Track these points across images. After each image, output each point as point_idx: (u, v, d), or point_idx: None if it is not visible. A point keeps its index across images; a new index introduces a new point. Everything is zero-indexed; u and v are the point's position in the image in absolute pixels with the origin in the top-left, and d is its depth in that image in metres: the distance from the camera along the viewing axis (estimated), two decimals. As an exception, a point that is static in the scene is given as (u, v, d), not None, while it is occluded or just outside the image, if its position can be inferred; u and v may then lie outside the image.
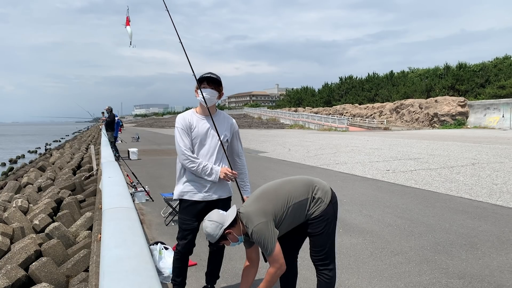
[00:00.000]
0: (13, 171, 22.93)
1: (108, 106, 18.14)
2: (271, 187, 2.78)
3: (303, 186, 2.75)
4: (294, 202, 2.68)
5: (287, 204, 2.66)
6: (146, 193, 7.26)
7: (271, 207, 2.63)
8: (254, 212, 2.61)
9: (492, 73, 42.15)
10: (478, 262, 4.03)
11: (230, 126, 3.21)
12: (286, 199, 2.68)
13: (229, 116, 3.28)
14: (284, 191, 2.71)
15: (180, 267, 3.25)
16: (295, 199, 2.69)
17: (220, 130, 3.08)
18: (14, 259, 5.32)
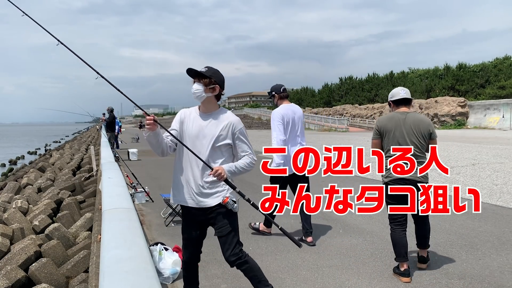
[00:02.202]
0: (12, 172, 22.92)
1: (109, 107, 18.16)
2: None
3: None
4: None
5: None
6: (146, 194, 7.26)
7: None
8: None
9: (492, 74, 42.15)
10: (478, 263, 4.02)
11: (226, 126, 2.85)
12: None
13: (230, 115, 2.92)
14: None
15: (186, 276, 3.16)
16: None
17: (212, 130, 2.84)
18: (14, 260, 5.32)
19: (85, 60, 3.10)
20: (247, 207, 6.24)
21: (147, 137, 2.82)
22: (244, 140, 2.93)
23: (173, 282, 3.72)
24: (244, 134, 2.93)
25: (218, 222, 2.89)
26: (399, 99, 3.87)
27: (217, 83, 2.86)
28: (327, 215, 6.09)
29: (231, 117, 2.92)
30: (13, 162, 30.04)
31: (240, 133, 2.91)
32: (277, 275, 3.83)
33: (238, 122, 2.92)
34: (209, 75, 2.83)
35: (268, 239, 4.97)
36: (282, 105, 4.88)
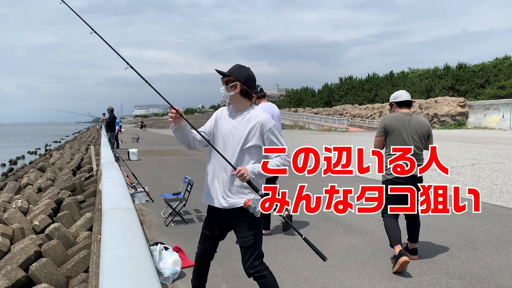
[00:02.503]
0: (13, 171, 22.94)
1: (109, 107, 18.17)
2: None
3: None
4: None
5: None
6: (146, 193, 7.26)
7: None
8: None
9: (492, 74, 42.14)
10: (478, 263, 4.02)
11: (255, 127, 2.70)
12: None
13: (260, 114, 2.75)
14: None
15: (196, 271, 3.10)
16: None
17: (240, 131, 2.73)
18: (14, 259, 5.32)
19: (115, 51, 2.98)
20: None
21: (173, 130, 2.84)
22: (274, 140, 2.72)
23: (173, 282, 3.72)
24: (274, 133, 2.72)
25: (242, 231, 2.79)
26: (402, 101, 4.16)
27: (238, 80, 2.72)
28: (327, 215, 6.09)
29: (260, 115, 2.73)
30: (13, 162, 30.05)
31: (270, 132, 2.71)
32: (277, 275, 3.82)
33: (268, 121, 2.71)
34: (229, 73, 2.75)
35: (268, 239, 4.97)
36: (261, 104, 4.96)
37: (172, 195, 6.51)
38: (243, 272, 3.90)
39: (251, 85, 2.77)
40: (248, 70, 2.79)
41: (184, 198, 5.98)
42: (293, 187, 3.00)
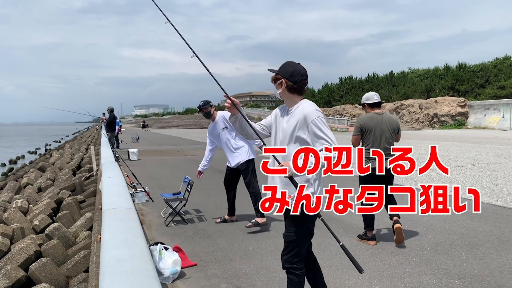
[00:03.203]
0: (13, 171, 22.94)
1: (109, 106, 18.18)
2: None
3: None
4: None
5: None
6: (146, 193, 7.26)
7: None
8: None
9: (492, 74, 42.13)
10: (478, 263, 4.03)
11: (299, 120, 2.67)
12: None
13: (306, 106, 2.70)
14: None
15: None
16: None
17: (289, 127, 2.73)
18: (14, 259, 5.32)
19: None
20: (247, 207, 6.23)
21: (230, 120, 2.95)
22: (318, 133, 2.61)
23: (173, 282, 3.72)
24: (318, 125, 2.61)
25: (287, 226, 2.83)
26: (374, 102, 4.76)
27: (283, 77, 2.72)
28: (327, 215, 6.08)
29: (306, 108, 2.68)
30: (13, 161, 30.05)
31: (314, 124, 2.62)
32: (277, 275, 3.83)
33: (312, 112, 2.64)
34: (276, 71, 2.77)
35: (268, 239, 4.98)
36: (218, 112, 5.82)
37: (172, 195, 6.51)
38: (243, 272, 3.92)
39: (298, 80, 2.72)
40: (294, 66, 2.74)
41: (184, 198, 5.98)
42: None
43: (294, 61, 2.79)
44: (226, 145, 5.65)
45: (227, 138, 5.65)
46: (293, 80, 2.71)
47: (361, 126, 4.67)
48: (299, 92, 2.75)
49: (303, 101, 2.77)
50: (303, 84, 2.74)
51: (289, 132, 2.72)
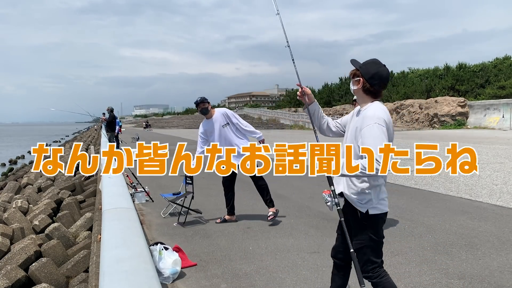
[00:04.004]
0: (13, 171, 22.95)
1: (109, 106, 18.20)
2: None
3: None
4: None
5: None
6: (146, 193, 7.26)
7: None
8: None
9: (492, 74, 42.13)
10: (478, 263, 4.02)
11: (359, 123, 2.58)
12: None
13: (370, 110, 2.54)
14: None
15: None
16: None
17: (352, 129, 2.68)
18: (14, 259, 5.32)
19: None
20: (247, 207, 6.22)
21: (304, 111, 2.91)
22: (365, 140, 2.47)
23: (173, 282, 3.72)
24: (366, 132, 2.47)
25: (354, 231, 2.68)
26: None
27: (362, 76, 2.57)
28: (327, 215, 6.09)
29: (368, 112, 2.53)
30: (13, 161, 30.05)
31: (367, 129, 2.47)
32: (277, 275, 3.83)
33: (369, 118, 2.48)
34: (358, 66, 2.62)
35: (268, 239, 4.98)
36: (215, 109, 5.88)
37: (172, 195, 6.51)
38: (243, 272, 3.93)
39: (376, 84, 2.56)
40: (378, 68, 2.57)
41: (189, 191, 5.99)
42: (293, 186, 3.00)
43: (379, 61, 2.61)
44: (226, 142, 5.59)
45: (228, 134, 5.61)
46: (372, 83, 2.56)
47: None
48: (373, 95, 2.60)
49: (373, 103, 2.59)
50: (381, 88, 2.60)
51: (353, 133, 2.64)
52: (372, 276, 2.65)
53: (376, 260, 2.65)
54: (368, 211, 2.56)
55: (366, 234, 2.62)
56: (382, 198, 2.59)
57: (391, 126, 2.55)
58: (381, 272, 2.65)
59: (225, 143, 5.59)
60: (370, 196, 2.56)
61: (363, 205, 2.58)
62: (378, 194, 2.58)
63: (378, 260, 2.65)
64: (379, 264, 2.66)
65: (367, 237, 2.62)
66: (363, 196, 2.58)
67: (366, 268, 2.66)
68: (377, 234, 2.62)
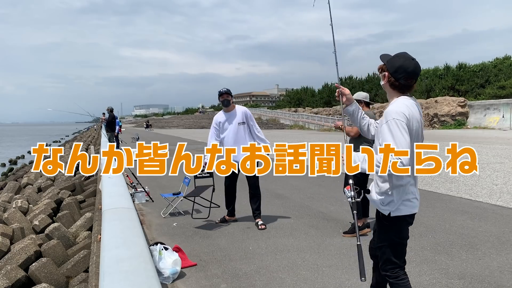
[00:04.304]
0: (13, 171, 22.94)
1: (108, 106, 18.23)
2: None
3: None
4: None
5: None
6: (146, 193, 7.25)
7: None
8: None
9: (492, 74, 42.13)
10: (478, 263, 4.02)
11: (382, 118, 2.57)
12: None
13: (390, 106, 2.51)
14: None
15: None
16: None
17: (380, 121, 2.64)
18: (14, 259, 5.32)
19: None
20: (247, 207, 6.22)
21: (344, 112, 2.85)
22: (385, 136, 2.41)
23: (173, 282, 3.72)
24: (385, 128, 2.42)
25: (377, 229, 2.66)
26: (368, 101, 5.17)
27: (388, 70, 2.52)
28: (327, 215, 6.09)
29: (389, 108, 2.48)
30: (13, 161, 30.05)
31: (386, 125, 2.42)
32: (277, 275, 3.83)
33: (388, 113, 2.44)
34: (385, 61, 2.56)
35: (268, 239, 4.98)
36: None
37: (172, 195, 6.51)
38: (243, 272, 3.93)
39: (401, 78, 2.47)
40: (404, 61, 2.48)
41: (209, 185, 6.05)
42: (293, 186, 3.00)
43: (407, 55, 2.53)
44: (239, 140, 5.47)
45: (241, 133, 5.50)
46: (396, 77, 2.48)
47: None
48: (400, 90, 2.51)
49: (398, 98, 2.51)
50: (408, 82, 2.48)
51: (377, 131, 2.60)
52: (390, 276, 2.60)
53: (396, 261, 2.58)
54: (390, 213, 2.51)
55: (387, 234, 2.58)
56: (407, 199, 2.50)
57: (414, 121, 2.43)
58: (401, 274, 2.59)
59: (237, 141, 5.45)
60: (392, 197, 2.50)
61: (384, 207, 2.53)
62: (402, 195, 2.49)
63: (398, 261, 2.59)
64: (399, 265, 2.59)
65: (388, 237, 2.57)
66: (385, 197, 2.52)
67: (385, 267, 2.61)
68: (399, 235, 2.56)
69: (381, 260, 2.62)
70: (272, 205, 6.74)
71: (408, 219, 2.53)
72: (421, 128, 2.53)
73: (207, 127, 64.84)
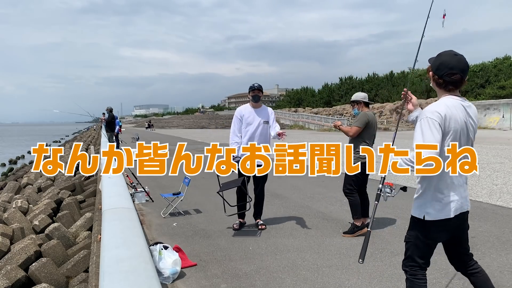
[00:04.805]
0: (13, 171, 22.93)
1: (108, 107, 18.24)
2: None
3: None
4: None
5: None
6: (146, 193, 7.25)
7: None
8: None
9: (492, 74, 42.19)
10: (478, 263, 4.02)
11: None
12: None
13: (430, 104, 2.47)
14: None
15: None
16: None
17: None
18: (14, 259, 5.32)
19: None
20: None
21: (409, 119, 2.85)
22: (416, 134, 2.38)
23: (173, 282, 3.72)
24: (417, 126, 2.39)
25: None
26: (368, 102, 5.19)
27: (431, 69, 2.50)
28: (327, 215, 6.09)
29: (427, 107, 2.43)
30: (13, 161, 30.05)
31: (419, 123, 2.40)
32: (277, 275, 3.83)
33: (423, 113, 2.41)
34: (430, 62, 2.53)
35: (268, 239, 4.98)
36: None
37: (172, 195, 6.51)
38: (243, 272, 3.93)
39: (444, 75, 2.41)
40: (445, 57, 2.44)
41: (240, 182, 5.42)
42: (293, 186, 3.00)
43: (451, 52, 2.46)
44: (262, 138, 5.36)
45: (265, 132, 5.40)
46: (439, 74, 2.43)
47: (368, 120, 4.97)
48: (446, 88, 2.44)
49: (442, 98, 2.46)
50: (452, 78, 2.40)
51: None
52: (407, 271, 2.60)
53: (417, 260, 2.55)
54: (413, 214, 2.50)
55: (414, 231, 2.53)
56: (438, 201, 2.42)
57: (453, 121, 2.35)
58: (419, 274, 2.56)
59: (260, 138, 5.35)
60: (423, 200, 2.46)
61: (415, 209, 2.50)
62: (433, 197, 2.43)
63: (420, 261, 2.55)
64: (420, 265, 2.56)
65: (415, 235, 2.53)
66: (417, 198, 2.49)
67: (406, 262, 2.61)
68: (425, 236, 2.49)
69: (405, 254, 2.60)
70: (272, 205, 6.74)
71: (438, 223, 2.43)
72: (467, 130, 2.44)
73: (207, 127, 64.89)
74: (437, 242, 2.56)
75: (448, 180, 2.42)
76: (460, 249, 2.66)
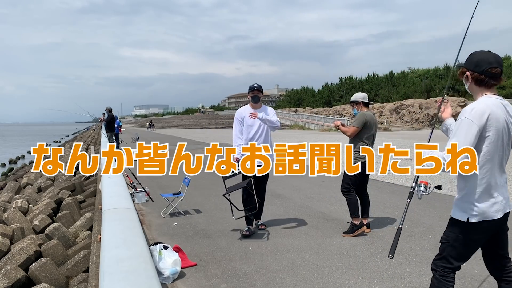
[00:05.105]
0: (13, 171, 22.94)
1: (107, 107, 18.25)
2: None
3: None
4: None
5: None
6: (146, 193, 7.25)
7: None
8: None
9: (492, 74, 42.19)
10: (478, 263, 4.00)
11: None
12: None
13: (470, 104, 2.42)
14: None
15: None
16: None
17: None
18: (14, 259, 5.32)
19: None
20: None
21: (443, 128, 2.82)
22: (452, 133, 2.39)
23: (173, 282, 3.72)
24: (458, 125, 2.35)
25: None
26: (367, 102, 5.21)
27: (468, 69, 2.42)
28: (327, 215, 6.09)
29: (467, 106, 2.39)
30: (13, 162, 30.05)
31: (456, 123, 2.39)
32: (277, 275, 3.83)
33: (461, 113, 2.36)
34: (462, 65, 2.48)
35: (268, 239, 4.98)
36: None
37: (172, 195, 6.51)
38: (243, 272, 3.93)
39: (485, 70, 2.35)
40: (481, 54, 2.41)
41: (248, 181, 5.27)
42: (293, 186, 2.99)
43: (481, 50, 2.44)
44: (264, 138, 5.34)
45: (266, 131, 5.38)
46: (479, 71, 2.36)
47: (367, 120, 4.98)
48: (486, 85, 2.39)
49: (481, 97, 2.40)
50: (494, 73, 2.35)
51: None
52: (437, 271, 2.51)
53: (452, 261, 2.47)
54: (452, 214, 2.47)
55: (454, 233, 2.47)
56: (483, 203, 2.37)
57: (493, 119, 2.30)
58: (449, 276, 2.48)
59: (262, 138, 5.33)
60: (467, 201, 2.42)
61: (457, 211, 2.47)
62: (478, 198, 2.38)
63: (454, 262, 2.47)
64: (452, 268, 2.48)
65: (454, 237, 2.46)
66: (460, 200, 2.47)
67: (438, 262, 2.52)
68: (467, 238, 2.42)
69: (439, 254, 2.53)
70: (272, 205, 6.74)
71: (477, 226, 2.37)
72: (508, 129, 2.39)
73: (207, 127, 64.95)
74: (478, 245, 2.49)
75: (493, 181, 2.38)
76: (499, 251, 2.56)
